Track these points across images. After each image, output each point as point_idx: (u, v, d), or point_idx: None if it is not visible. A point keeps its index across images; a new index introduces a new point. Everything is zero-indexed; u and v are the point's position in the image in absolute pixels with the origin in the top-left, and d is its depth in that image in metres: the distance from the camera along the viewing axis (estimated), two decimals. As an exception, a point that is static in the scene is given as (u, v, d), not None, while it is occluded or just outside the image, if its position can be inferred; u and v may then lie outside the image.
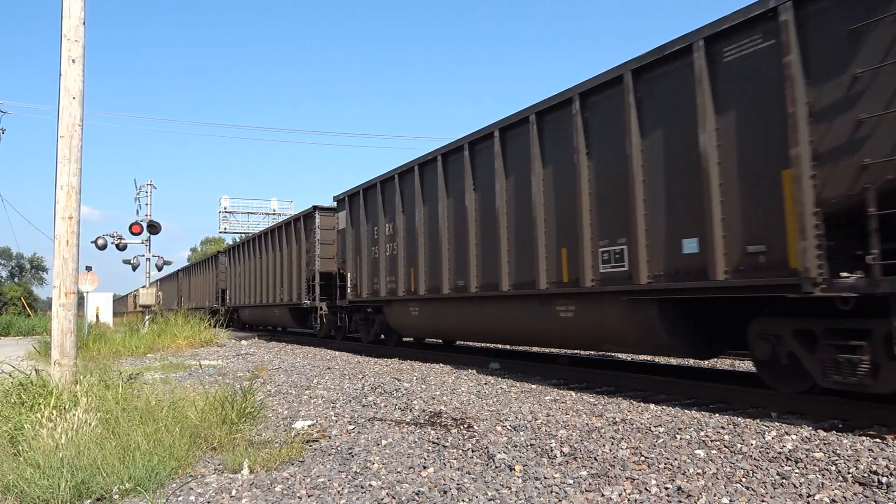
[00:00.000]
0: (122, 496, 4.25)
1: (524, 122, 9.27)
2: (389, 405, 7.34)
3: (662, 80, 7.16)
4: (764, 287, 6.04)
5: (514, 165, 9.55)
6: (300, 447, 5.29)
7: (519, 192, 9.44)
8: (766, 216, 6.07)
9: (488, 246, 10.11)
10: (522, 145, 9.35)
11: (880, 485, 3.96)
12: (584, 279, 8.08)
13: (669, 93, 7.07)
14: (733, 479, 4.18)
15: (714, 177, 6.48)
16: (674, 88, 7.01)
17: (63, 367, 7.08)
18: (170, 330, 18.52)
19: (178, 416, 5.59)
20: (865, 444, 4.86)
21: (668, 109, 7.09)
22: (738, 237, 6.30)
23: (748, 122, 6.25)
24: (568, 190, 8.44)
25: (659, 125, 7.20)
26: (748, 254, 6.20)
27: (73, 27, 7.48)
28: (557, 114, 8.69)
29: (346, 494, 4.18)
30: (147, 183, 25.73)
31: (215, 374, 10.59)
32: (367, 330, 15.37)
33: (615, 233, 7.74)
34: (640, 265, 7.28)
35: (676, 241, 6.94)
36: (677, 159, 6.96)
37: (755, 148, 6.19)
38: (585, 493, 4.01)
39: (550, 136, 8.85)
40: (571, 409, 6.71)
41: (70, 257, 7.28)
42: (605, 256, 7.88)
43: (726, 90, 6.44)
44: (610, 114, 7.82)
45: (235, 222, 47.52)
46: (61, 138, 7.35)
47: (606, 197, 7.88)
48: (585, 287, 8.07)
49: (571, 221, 8.34)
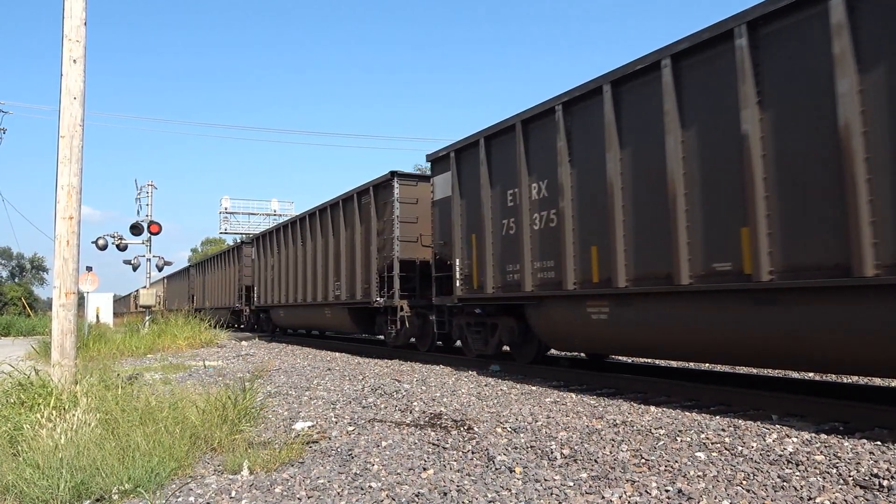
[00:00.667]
0: (121, 497, 4.25)
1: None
2: (390, 406, 7.33)
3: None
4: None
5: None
6: (300, 448, 5.29)
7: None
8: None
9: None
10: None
11: (881, 488, 3.95)
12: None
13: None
14: (734, 481, 4.17)
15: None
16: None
17: (63, 368, 7.07)
18: (170, 331, 18.52)
19: (178, 417, 5.59)
20: (866, 446, 4.85)
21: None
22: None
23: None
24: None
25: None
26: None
27: (75, 27, 7.49)
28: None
29: (346, 496, 4.17)
30: (148, 183, 25.77)
31: (215, 375, 10.58)
32: (484, 339, 10.94)
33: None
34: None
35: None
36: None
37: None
38: (586, 496, 4.00)
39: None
40: (572, 411, 6.70)
41: (70, 257, 7.29)
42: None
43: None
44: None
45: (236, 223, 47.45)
46: (62, 138, 7.36)
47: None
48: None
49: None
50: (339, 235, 16.17)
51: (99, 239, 24.33)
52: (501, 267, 9.93)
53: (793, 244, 6.01)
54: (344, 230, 15.92)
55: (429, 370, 10.70)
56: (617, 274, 7.76)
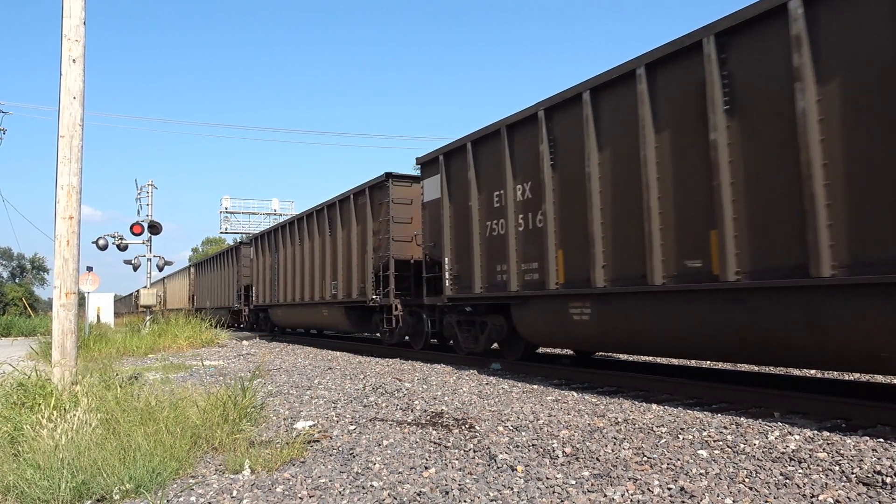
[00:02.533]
0: (122, 497, 4.24)
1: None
2: (391, 405, 7.32)
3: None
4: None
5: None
6: (301, 448, 5.28)
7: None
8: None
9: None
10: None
11: (884, 485, 3.94)
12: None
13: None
14: (736, 479, 4.16)
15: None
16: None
17: (64, 368, 7.07)
18: (171, 330, 18.52)
19: (179, 417, 5.57)
20: (869, 444, 4.83)
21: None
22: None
23: None
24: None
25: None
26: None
27: (74, 27, 7.48)
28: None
29: (348, 495, 4.16)
30: (148, 183, 25.76)
31: (216, 375, 10.58)
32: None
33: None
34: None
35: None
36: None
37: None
38: (588, 494, 3.99)
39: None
40: (573, 410, 6.69)
41: (71, 257, 7.28)
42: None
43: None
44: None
45: (237, 223, 47.50)
46: (62, 138, 7.35)
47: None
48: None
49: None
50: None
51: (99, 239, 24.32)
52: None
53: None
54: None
55: (430, 369, 10.70)
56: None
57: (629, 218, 7.62)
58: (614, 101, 7.91)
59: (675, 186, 7.08)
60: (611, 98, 7.97)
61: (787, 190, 6.00)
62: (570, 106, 8.54)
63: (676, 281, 7.02)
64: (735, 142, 6.47)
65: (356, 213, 15.26)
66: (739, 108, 6.44)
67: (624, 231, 7.71)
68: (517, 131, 9.59)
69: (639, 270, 7.44)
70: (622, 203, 7.74)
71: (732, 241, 6.43)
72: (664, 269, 7.17)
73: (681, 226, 7.01)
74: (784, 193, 6.03)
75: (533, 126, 9.21)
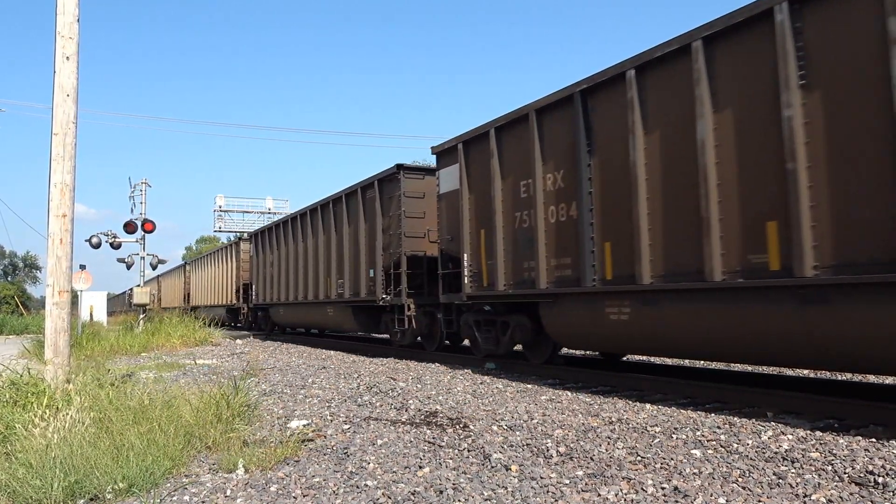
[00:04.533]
0: (115, 496, 4.22)
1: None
2: (385, 405, 7.31)
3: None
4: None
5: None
6: (295, 447, 5.26)
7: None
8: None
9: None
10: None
11: (876, 485, 3.96)
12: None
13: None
14: (730, 478, 4.17)
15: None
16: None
17: (56, 366, 7.04)
18: (164, 329, 18.46)
19: (173, 416, 5.55)
20: (861, 444, 4.86)
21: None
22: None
23: None
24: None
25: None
26: None
27: (68, 24, 7.44)
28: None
29: (342, 494, 4.16)
30: (142, 181, 25.61)
31: (210, 374, 10.55)
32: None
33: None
34: None
35: None
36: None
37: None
38: (582, 493, 4.00)
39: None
40: (567, 409, 6.70)
41: (64, 255, 7.25)
42: None
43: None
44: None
45: (231, 221, 47.42)
46: (55, 136, 7.32)
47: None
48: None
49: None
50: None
51: (93, 237, 24.17)
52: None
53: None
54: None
55: (424, 368, 10.69)
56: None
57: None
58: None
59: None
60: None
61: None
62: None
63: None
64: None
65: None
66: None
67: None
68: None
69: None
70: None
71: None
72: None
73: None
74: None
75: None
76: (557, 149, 8.73)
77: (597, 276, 8.00)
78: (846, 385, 7.75)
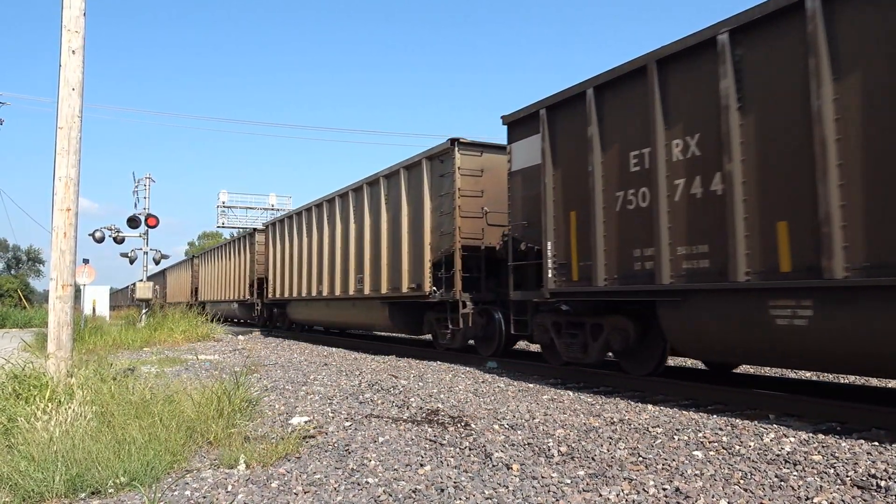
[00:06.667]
0: (117, 490, 4.23)
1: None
2: (387, 402, 7.32)
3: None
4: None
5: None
6: (297, 443, 5.27)
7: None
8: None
9: None
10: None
11: (879, 488, 3.95)
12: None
13: None
14: (731, 480, 4.17)
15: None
16: None
17: (59, 360, 7.05)
18: (167, 324, 18.49)
19: (174, 411, 5.57)
20: (864, 447, 4.85)
21: None
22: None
23: None
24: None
25: None
26: None
27: (74, 18, 7.45)
28: None
29: (343, 491, 4.16)
30: (146, 176, 25.66)
31: (211, 369, 10.56)
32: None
33: None
34: None
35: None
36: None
37: None
38: (583, 493, 3.99)
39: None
40: (569, 409, 6.70)
41: (67, 249, 7.26)
42: None
43: None
44: None
45: (234, 217, 47.51)
46: (60, 130, 7.32)
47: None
48: None
49: None
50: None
51: (96, 232, 24.21)
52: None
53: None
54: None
55: (426, 366, 10.69)
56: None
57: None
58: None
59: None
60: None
61: None
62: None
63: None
64: None
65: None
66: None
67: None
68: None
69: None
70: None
71: None
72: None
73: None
74: None
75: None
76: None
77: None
78: (849, 388, 7.74)
